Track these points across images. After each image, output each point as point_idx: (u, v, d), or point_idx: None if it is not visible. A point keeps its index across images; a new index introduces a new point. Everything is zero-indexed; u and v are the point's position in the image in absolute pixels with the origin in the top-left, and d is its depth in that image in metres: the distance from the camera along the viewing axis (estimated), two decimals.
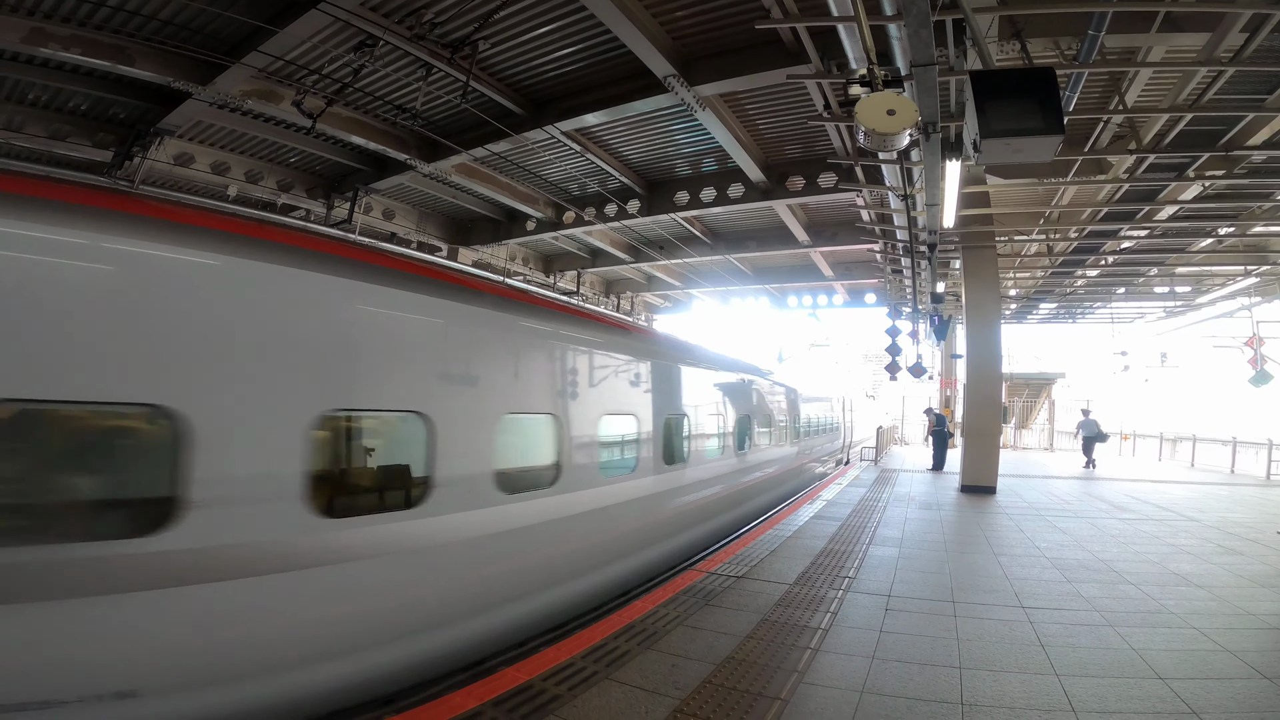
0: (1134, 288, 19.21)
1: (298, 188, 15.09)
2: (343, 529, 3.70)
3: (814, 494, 11.83)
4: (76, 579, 2.77)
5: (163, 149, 12.17)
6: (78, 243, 2.92)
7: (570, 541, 5.45)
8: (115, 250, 3.02)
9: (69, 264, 2.89)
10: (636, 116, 11.12)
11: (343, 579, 3.64)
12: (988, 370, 13.03)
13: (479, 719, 3.08)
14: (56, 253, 2.86)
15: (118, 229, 3.04)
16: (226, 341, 3.33)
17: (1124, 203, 11.65)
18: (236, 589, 3.21)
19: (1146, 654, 4.11)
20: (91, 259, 2.95)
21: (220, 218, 3.78)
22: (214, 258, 3.33)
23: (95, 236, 2.97)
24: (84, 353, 2.89)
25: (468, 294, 4.84)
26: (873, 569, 6.28)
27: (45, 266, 2.82)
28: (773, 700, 3.36)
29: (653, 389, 7.16)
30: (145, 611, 2.95)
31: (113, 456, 3.20)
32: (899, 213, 11.46)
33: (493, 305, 5.03)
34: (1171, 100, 8.39)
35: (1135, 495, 12.34)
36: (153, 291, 3.11)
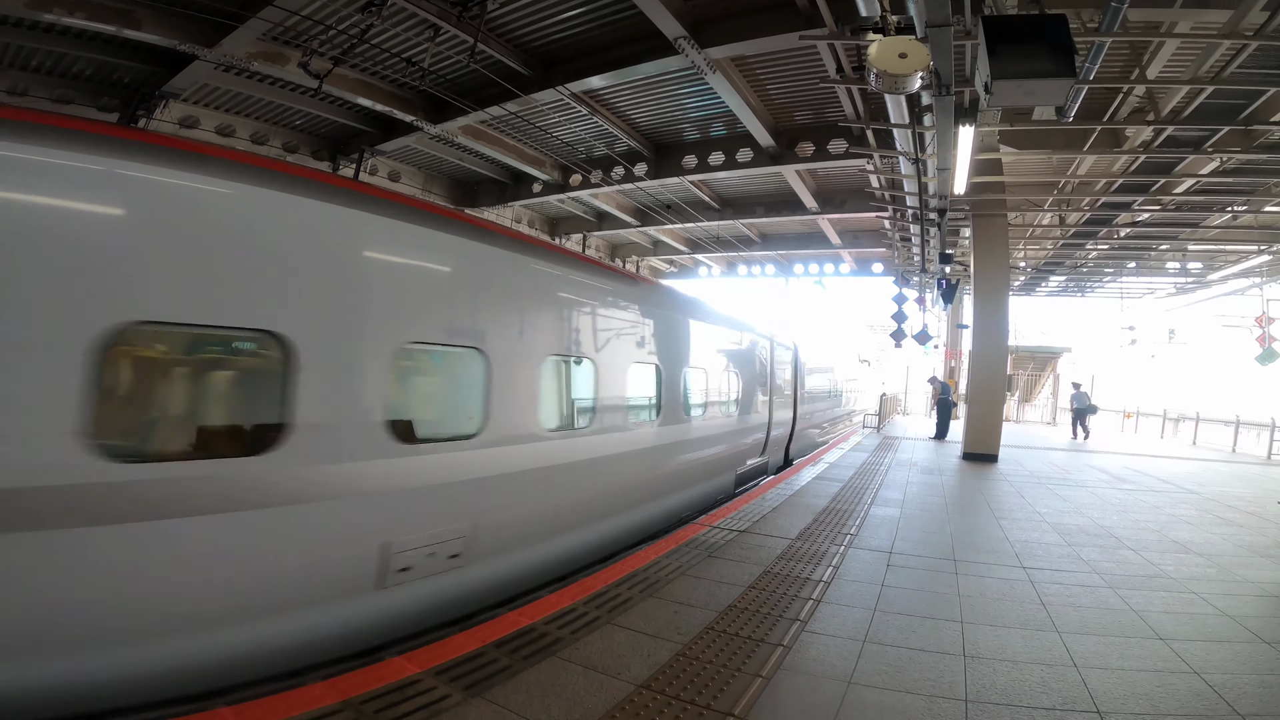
0: (1145, 262, 18.97)
1: (303, 150, 14.98)
2: (419, 454, 3.98)
3: (816, 457, 11.90)
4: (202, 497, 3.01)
5: (167, 112, 12.14)
6: (225, 191, 3.29)
7: (594, 484, 5.79)
8: (257, 196, 3.40)
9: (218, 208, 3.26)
10: (644, 79, 10.99)
11: (414, 504, 3.91)
12: (993, 339, 12.96)
13: (480, 659, 3.09)
14: (213, 201, 3.24)
15: (258, 180, 3.42)
16: (331, 278, 3.67)
17: (1139, 175, 11.44)
18: (331, 508, 3.51)
19: (1146, 615, 4.12)
20: (235, 204, 3.32)
21: (315, 172, 4.10)
22: (320, 204, 3.65)
23: (238, 186, 3.34)
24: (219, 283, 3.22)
25: (521, 246, 5.17)
26: (874, 527, 6.30)
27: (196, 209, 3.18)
28: (775, 647, 3.37)
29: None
30: (252, 531, 3.21)
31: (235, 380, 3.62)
32: (909, 178, 11.31)
33: (544, 260, 5.43)
34: (1192, 73, 8.20)
35: (1136, 468, 12.36)
36: (274, 230, 3.46)
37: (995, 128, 9.73)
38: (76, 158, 2.80)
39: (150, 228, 3.04)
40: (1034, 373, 30.60)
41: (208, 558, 3.11)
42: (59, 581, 2.67)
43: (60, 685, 2.68)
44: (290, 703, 2.56)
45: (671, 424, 7.17)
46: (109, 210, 2.94)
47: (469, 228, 4.75)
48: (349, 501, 3.62)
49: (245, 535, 3.21)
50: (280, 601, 3.39)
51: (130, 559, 2.87)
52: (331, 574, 3.59)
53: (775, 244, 22.88)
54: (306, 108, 13.17)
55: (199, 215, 3.19)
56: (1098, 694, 2.99)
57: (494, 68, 10.33)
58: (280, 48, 10.42)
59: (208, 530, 3.08)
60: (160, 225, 3.06)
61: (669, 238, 22.61)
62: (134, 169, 2.98)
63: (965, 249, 16.34)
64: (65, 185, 2.78)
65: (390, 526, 3.81)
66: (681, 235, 22.52)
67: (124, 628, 2.88)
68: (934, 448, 14.85)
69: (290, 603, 3.43)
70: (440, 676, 2.87)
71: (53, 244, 2.73)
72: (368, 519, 3.72)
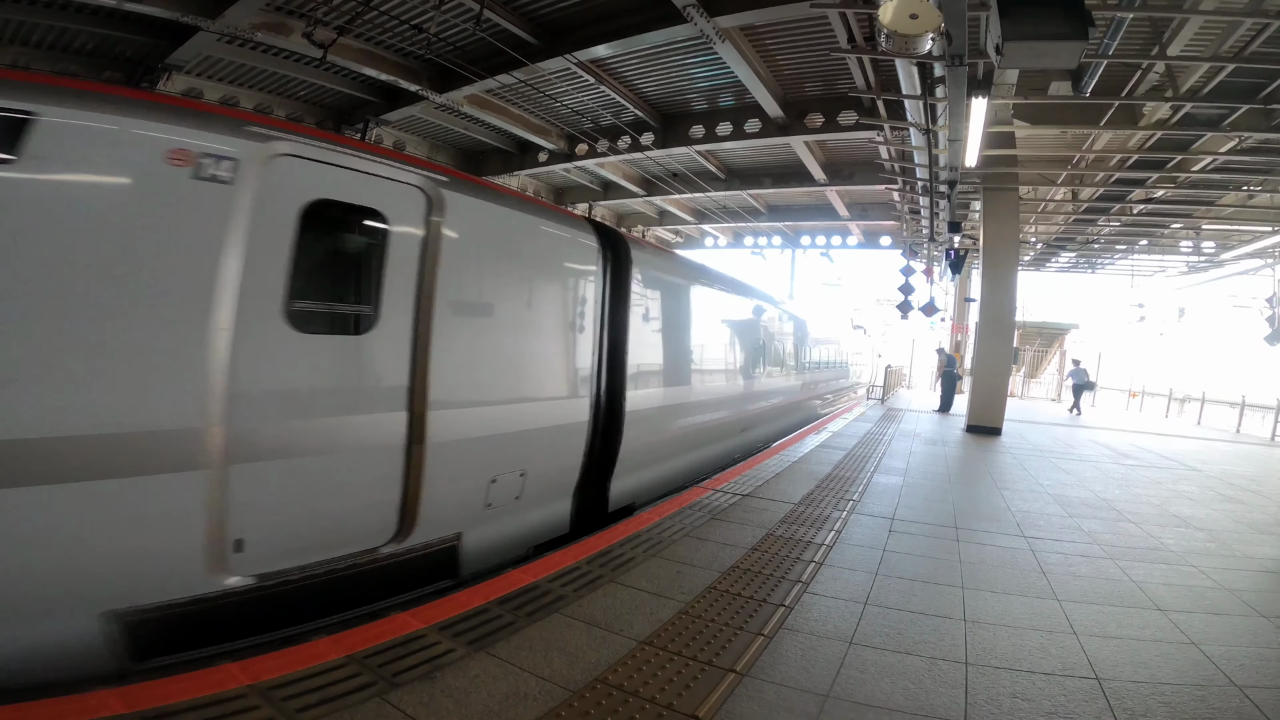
0: (1158, 240, 18.72)
1: (307, 120, 14.85)
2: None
3: (820, 426, 11.90)
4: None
5: (170, 84, 12.03)
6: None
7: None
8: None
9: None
10: (652, 48, 10.82)
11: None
12: (1001, 311, 12.88)
13: (484, 615, 3.11)
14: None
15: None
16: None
17: (1155, 151, 11.26)
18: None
19: (1146, 587, 4.13)
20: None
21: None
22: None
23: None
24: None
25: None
26: (877, 494, 6.32)
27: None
28: (777, 607, 3.39)
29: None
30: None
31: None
32: (920, 150, 11.16)
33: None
34: (1214, 51, 8.03)
35: (1139, 445, 12.36)
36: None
37: (1009, 101, 9.55)
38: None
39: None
40: (1040, 348, 30.42)
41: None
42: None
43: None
44: (297, 658, 2.59)
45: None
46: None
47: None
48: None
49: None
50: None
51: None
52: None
53: (782, 215, 22.63)
54: (311, 78, 13.01)
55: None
56: (1096, 661, 3.00)
57: (500, 36, 10.18)
58: (284, 18, 10.27)
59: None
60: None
61: (675, 208, 22.38)
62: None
63: (975, 222, 16.17)
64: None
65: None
66: (688, 205, 22.28)
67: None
68: (938, 420, 14.85)
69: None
70: (444, 632, 2.90)
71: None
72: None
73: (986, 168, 11.42)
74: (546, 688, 2.50)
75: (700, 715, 2.37)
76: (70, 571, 2.68)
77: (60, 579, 2.67)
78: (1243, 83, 8.78)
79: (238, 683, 2.36)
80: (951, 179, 10.86)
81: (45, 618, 2.66)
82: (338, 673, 2.49)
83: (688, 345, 7.44)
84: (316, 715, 2.20)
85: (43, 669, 2.58)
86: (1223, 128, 9.85)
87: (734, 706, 2.45)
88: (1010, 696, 2.64)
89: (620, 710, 2.37)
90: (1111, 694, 2.70)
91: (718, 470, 7.31)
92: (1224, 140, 10.46)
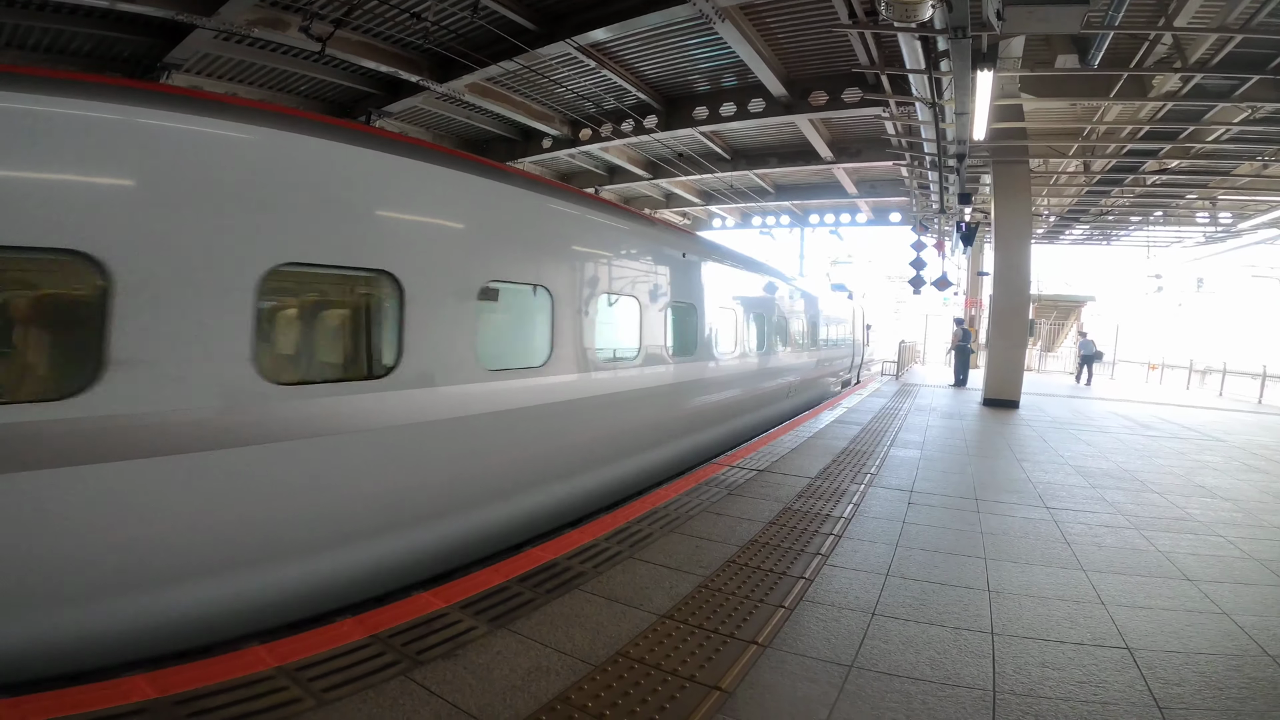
0: (1173, 211, 18.35)
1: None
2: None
3: (834, 403, 11.84)
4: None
5: (169, 83, 11.93)
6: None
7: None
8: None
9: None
10: (651, 30, 10.69)
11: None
12: (1015, 284, 12.72)
13: (504, 593, 3.11)
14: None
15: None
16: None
17: (1167, 122, 11.08)
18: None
19: (1174, 557, 4.06)
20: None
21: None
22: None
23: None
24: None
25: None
26: (894, 468, 6.27)
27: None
28: (797, 579, 3.37)
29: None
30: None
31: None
32: (927, 125, 11.06)
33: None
34: (1220, 21, 7.87)
35: (1161, 417, 12.18)
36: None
37: (1016, 74, 9.39)
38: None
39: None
40: (1057, 321, 30.01)
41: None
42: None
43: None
44: (321, 639, 2.60)
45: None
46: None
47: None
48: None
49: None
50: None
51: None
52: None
53: (790, 194, 22.40)
54: (310, 73, 12.94)
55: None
56: (1126, 631, 2.96)
57: (499, 23, 10.10)
58: (279, 13, 10.21)
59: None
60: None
61: (681, 190, 22.19)
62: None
63: (986, 196, 15.94)
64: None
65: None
66: (694, 187, 22.09)
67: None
68: (953, 394, 14.74)
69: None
70: (465, 610, 2.90)
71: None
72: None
73: (995, 141, 11.30)
74: (568, 662, 2.49)
75: (724, 686, 2.36)
76: None
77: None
78: (1253, 53, 8.63)
79: (265, 665, 2.37)
80: (960, 153, 10.76)
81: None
82: (362, 652, 2.50)
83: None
84: (342, 695, 2.21)
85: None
86: (1234, 98, 9.70)
87: (758, 677, 2.44)
88: (1039, 666, 2.60)
89: (643, 683, 2.36)
90: (1144, 663, 2.65)
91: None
92: (1236, 111, 10.29)
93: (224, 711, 2.08)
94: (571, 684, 2.34)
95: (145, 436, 2.77)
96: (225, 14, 9.65)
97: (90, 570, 2.67)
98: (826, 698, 2.32)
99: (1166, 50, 8.83)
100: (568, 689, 2.31)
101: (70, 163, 2.65)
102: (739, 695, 2.31)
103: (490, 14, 9.83)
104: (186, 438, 2.89)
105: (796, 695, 2.34)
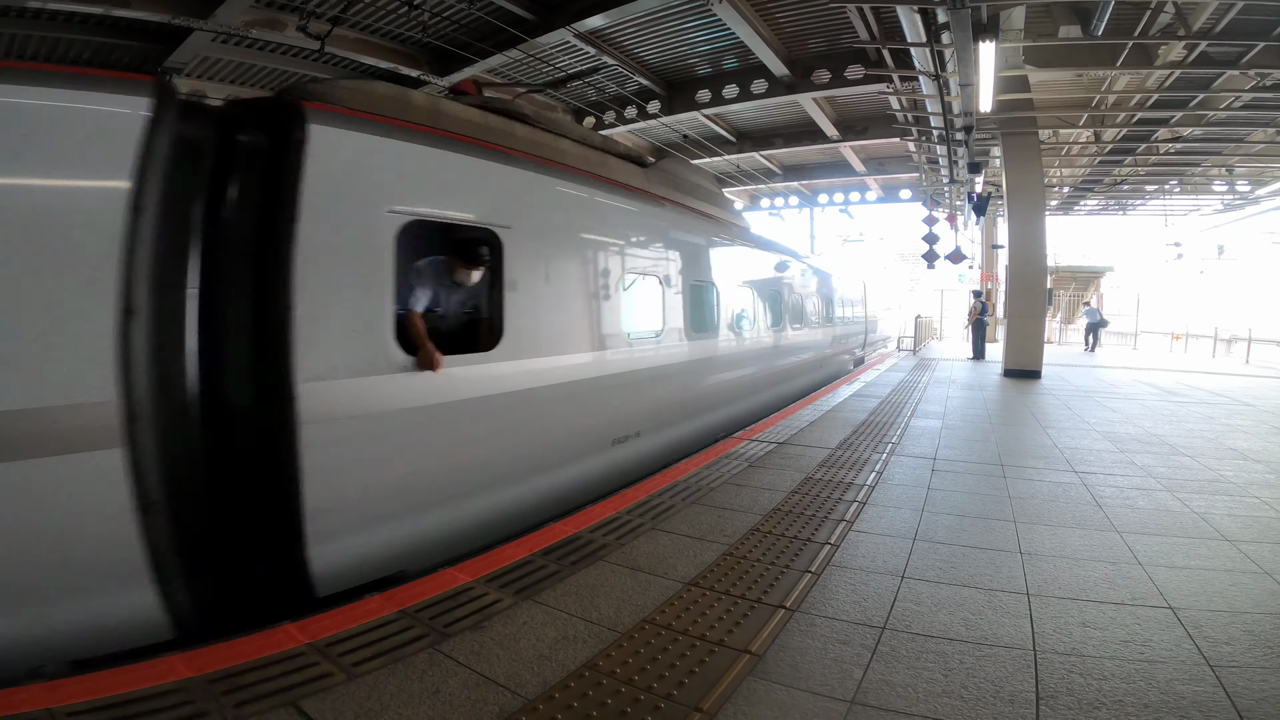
0: (1188, 179, 17.94)
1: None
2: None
3: (852, 377, 11.75)
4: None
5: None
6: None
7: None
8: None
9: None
10: (648, 14, 10.57)
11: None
12: (1031, 251, 12.50)
13: (529, 566, 3.09)
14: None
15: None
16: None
17: (1176, 90, 10.91)
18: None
19: (1210, 518, 3.96)
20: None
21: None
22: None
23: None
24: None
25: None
26: (916, 437, 6.19)
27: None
28: (822, 545, 3.32)
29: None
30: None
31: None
32: (932, 98, 10.97)
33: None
34: None
35: (1187, 383, 11.95)
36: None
37: (1019, 45, 9.22)
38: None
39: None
40: (1076, 293, 29.48)
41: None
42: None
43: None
44: (350, 615, 2.59)
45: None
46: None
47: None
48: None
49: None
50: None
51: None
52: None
53: (798, 174, 22.15)
54: (311, 72, 12.84)
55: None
56: (1167, 590, 2.88)
57: (496, 13, 10.03)
58: (275, 13, 10.15)
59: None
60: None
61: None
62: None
63: (996, 169, 15.69)
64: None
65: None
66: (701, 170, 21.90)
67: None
68: (972, 367, 14.56)
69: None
70: (491, 583, 2.88)
71: None
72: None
73: (1003, 113, 11.15)
74: (594, 630, 2.47)
75: (754, 650, 2.32)
76: None
77: None
78: (1255, 20, 8.46)
79: (296, 641, 2.37)
80: (967, 124, 10.73)
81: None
82: (390, 627, 2.49)
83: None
84: (372, 668, 2.20)
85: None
86: (1241, 65, 9.55)
87: (788, 640, 2.39)
88: (1080, 626, 2.53)
89: (670, 648, 2.33)
90: (1189, 622, 2.58)
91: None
92: (1245, 79, 10.20)
93: (257, 688, 2.08)
94: (599, 651, 2.31)
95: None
96: (222, 16, 9.59)
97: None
98: (860, 659, 2.28)
99: (1170, 19, 8.69)
100: (595, 656, 2.28)
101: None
102: (769, 658, 2.27)
103: (487, 4, 9.77)
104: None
105: (829, 657, 2.29)
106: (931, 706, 2.02)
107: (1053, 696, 2.06)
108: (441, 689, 2.08)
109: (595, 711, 1.97)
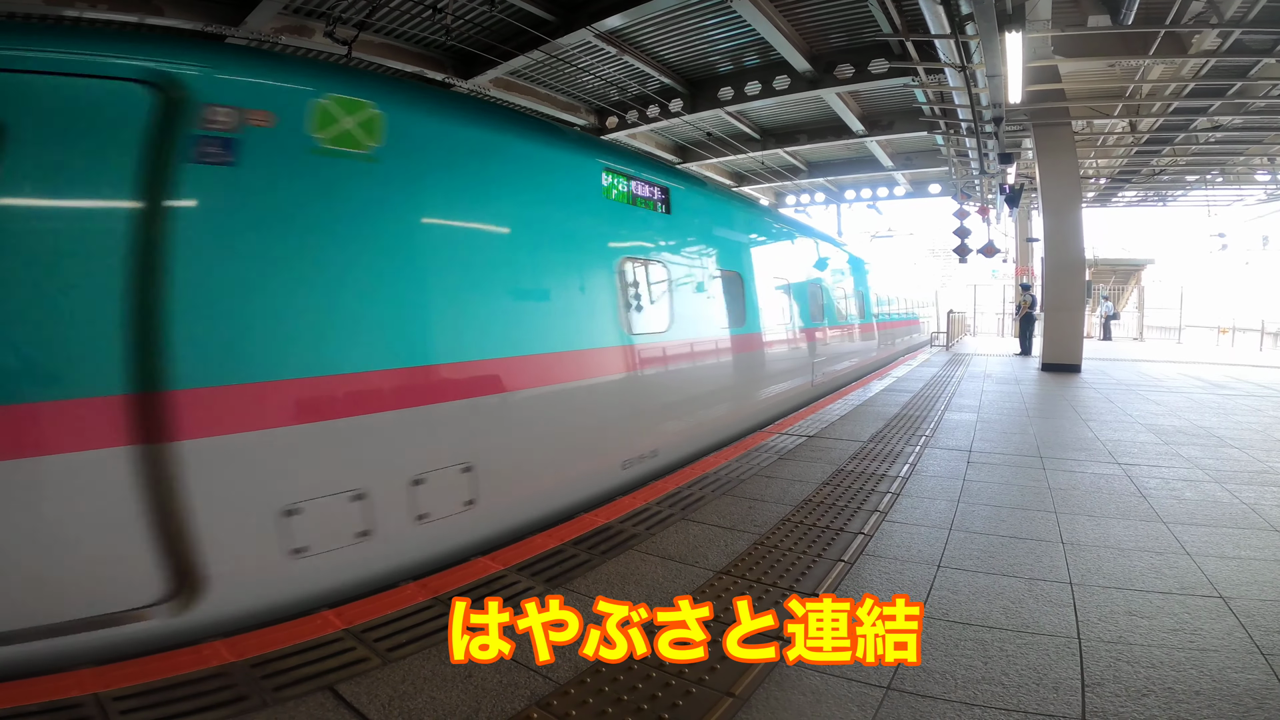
0: (1230, 169, 17.29)
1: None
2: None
3: (883, 372, 11.60)
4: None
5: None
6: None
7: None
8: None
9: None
10: (667, 13, 10.49)
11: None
12: (1068, 242, 12.12)
13: (559, 555, 3.11)
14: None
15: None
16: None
17: (1213, 78, 10.57)
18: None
19: (1260, 509, 3.80)
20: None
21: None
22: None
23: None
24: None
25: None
26: (950, 430, 6.07)
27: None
28: (855, 535, 3.27)
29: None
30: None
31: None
32: (959, 90, 10.73)
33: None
34: None
35: (1235, 377, 11.51)
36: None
37: (1047, 35, 8.99)
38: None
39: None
40: (1116, 286, 28.54)
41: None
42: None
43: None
44: (386, 602, 2.64)
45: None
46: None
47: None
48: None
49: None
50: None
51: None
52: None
53: (823, 170, 21.87)
54: None
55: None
56: (1217, 580, 2.77)
57: (517, 15, 10.11)
58: (303, 20, 10.36)
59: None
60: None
61: (712, 173, 21.89)
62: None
63: (1029, 161, 15.32)
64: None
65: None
66: (724, 169, 21.78)
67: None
68: (1009, 361, 14.25)
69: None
70: (523, 572, 2.90)
71: None
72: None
73: (1033, 104, 10.88)
74: None
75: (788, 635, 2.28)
76: None
77: None
78: None
79: (333, 628, 2.42)
80: (996, 115, 10.51)
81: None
82: (425, 613, 2.52)
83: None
84: (407, 653, 2.24)
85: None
86: (1276, 53, 9.26)
87: None
88: (1126, 614, 2.45)
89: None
90: (1240, 611, 2.48)
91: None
92: None
93: (296, 672, 2.12)
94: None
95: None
96: (252, 23, 9.81)
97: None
98: None
99: (1202, 6, 8.47)
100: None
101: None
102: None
103: (508, 6, 9.85)
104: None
105: None
106: (970, 693, 1.97)
107: (1099, 684, 2.00)
108: (474, 673, 2.10)
109: (626, 696, 1.97)
